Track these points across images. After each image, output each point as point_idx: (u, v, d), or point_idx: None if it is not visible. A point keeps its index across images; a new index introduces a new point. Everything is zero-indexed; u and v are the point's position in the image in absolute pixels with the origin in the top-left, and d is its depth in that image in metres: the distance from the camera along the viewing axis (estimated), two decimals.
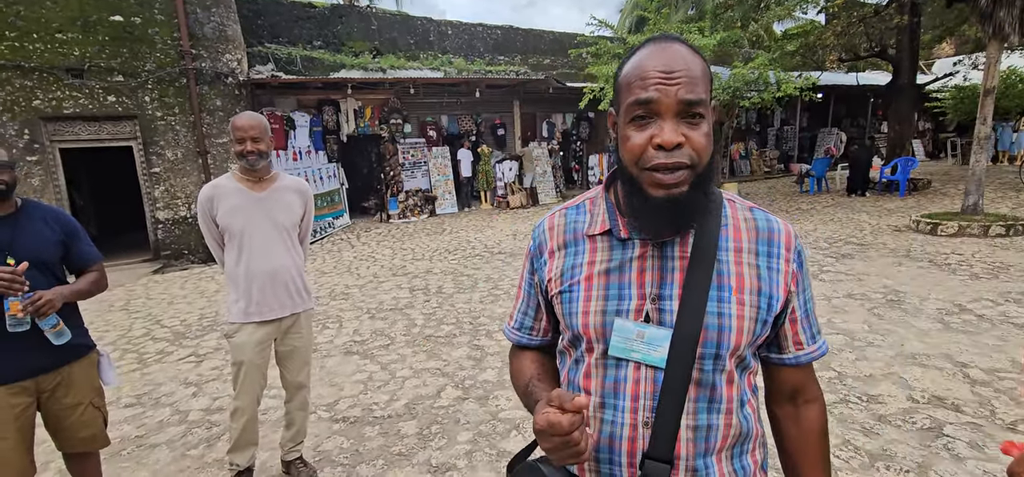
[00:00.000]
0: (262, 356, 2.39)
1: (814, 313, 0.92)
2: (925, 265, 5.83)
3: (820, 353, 0.91)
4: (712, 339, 0.80)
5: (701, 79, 0.77)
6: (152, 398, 3.70)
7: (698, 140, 0.76)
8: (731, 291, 0.82)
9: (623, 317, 0.83)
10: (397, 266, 7.44)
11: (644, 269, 0.84)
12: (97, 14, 8.44)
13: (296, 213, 2.46)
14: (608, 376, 0.85)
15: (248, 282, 2.32)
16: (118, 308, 6.23)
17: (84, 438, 2.11)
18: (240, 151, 2.27)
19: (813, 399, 0.94)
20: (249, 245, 2.33)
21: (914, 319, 4.23)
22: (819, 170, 12.68)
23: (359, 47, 12.80)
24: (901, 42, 12.00)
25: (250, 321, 2.34)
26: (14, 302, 1.81)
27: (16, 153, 8.06)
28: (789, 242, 0.87)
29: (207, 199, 2.32)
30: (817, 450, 0.93)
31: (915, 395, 3.02)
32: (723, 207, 0.88)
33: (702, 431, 0.82)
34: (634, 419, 0.82)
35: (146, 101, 8.91)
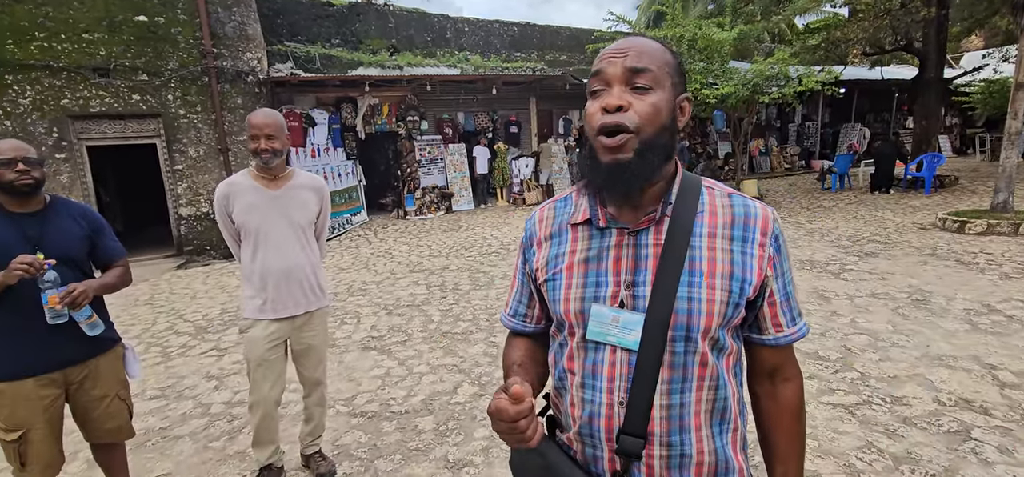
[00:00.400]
0: (275, 353, 2.39)
1: (795, 296, 0.95)
2: (952, 264, 5.68)
3: (799, 335, 0.95)
4: (682, 322, 0.84)
5: (650, 55, 0.84)
6: (175, 391, 3.78)
7: (642, 107, 0.83)
8: (702, 275, 0.85)
9: (600, 303, 0.88)
10: (414, 262, 7.49)
11: (620, 257, 0.89)
12: (122, 14, 8.62)
13: (312, 211, 2.46)
14: (588, 359, 0.90)
15: (263, 279, 2.33)
16: (142, 302, 6.38)
17: (110, 429, 2.17)
18: (255, 149, 2.27)
19: (790, 378, 0.98)
20: (264, 243, 2.33)
21: (940, 319, 4.12)
22: (842, 167, 12.43)
23: (376, 45, 12.88)
24: (928, 35, 11.67)
25: (263, 317, 2.35)
26: (53, 295, 1.87)
27: (45, 151, 8.28)
28: (765, 226, 0.89)
29: (223, 197, 2.34)
30: (792, 427, 0.97)
31: (941, 397, 2.95)
32: (701, 194, 0.91)
33: (675, 409, 0.86)
34: (610, 399, 0.87)
35: (169, 99, 9.08)
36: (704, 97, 9.94)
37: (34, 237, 1.93)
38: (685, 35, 10.01)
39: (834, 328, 4.08)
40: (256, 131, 2.25)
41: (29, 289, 1.87)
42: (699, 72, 10.19)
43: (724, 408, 0.91)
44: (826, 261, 6.10)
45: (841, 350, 3.67)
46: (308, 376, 2.55)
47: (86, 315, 1.98)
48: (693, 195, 0.90)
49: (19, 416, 1.91)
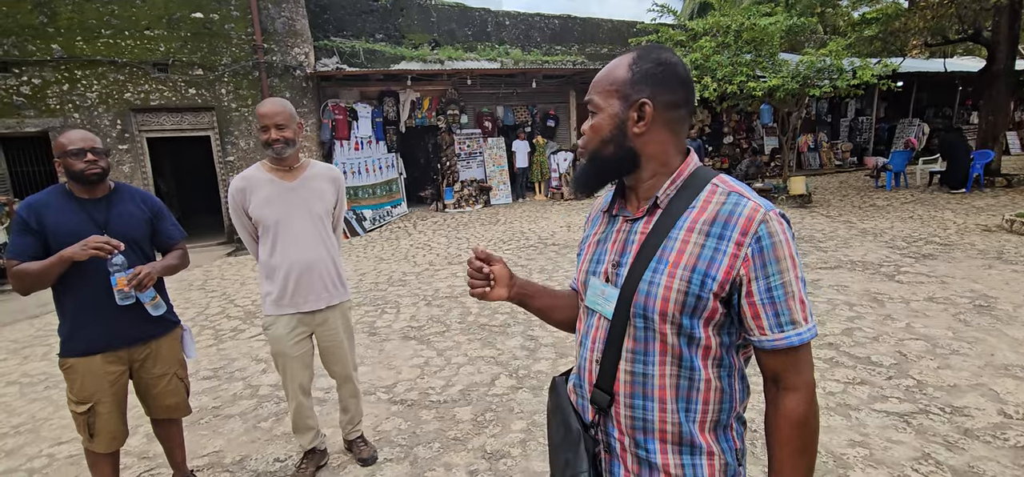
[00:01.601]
0: (300, 348, 2.37)
1: (788, 302, 0.91)
2: (1020, 269, 5.32)
3: (787, 342, 0.91)
4: (640, 302, 0.95)
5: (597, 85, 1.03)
6: (227, 372, 3.95)
7: (585, 130, 1.04)
8: (667, 264, 0.94)
9: (596, 277, 1.06)
10: (452, 255, 7.57)
11: (616, 240, 1.05)
12: (180, 12, 9.03)
13: (329, 201, 2.42)
14: (587, 321, 1.08)
15: (284, 274, 2.29)
16: (197, 287, 6.69)
17: (169, 406, 2.29)
18: (265, 140, 2.21)
19: (792, 388, 0.95)
20: (284, 236, 2.28)
21: (1007, 327, 3.88)
22: (898, 164, 11.81)
23: (419, 39, 13.04)
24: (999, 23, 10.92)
25: (285, 313, 2.33)
26: (121, 277, 1.99)
27: (110, 142, 8.78)
28: (747, 226, 0.90)
29: (238, 191, 2.27)
30: (789, 438, 0.95)
31: (1007, 410, 2.78)
32: (702, 190, 0.97)
33: (638, 377, 0.98)
34: (591, 357, 1.05)
35: (222, 93, 9.47)
36: (750, 90, 9.63)
37: (101, 221, 2.05)
38: (731, 25, 9.70)
39: (888, 333, 3.89)
40: (266, 120, 2.19)
41: (99, 272, 1.99)
42: (746, 63, 9.88)
43: (694, 391, 0.96)
44: (879, 263, 5.82)
45: (895, 356, 3.50)
46: (337, 372, 2.56)
47: (150, 296, 2.10)
48: (692, 192, 0.97)
49: (88, 390, 2.04)
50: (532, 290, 1.25)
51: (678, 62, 0.99)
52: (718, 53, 10.03)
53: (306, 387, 2.47)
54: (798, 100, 10.42)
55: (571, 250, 7.36)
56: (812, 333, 0.93)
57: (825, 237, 7.31)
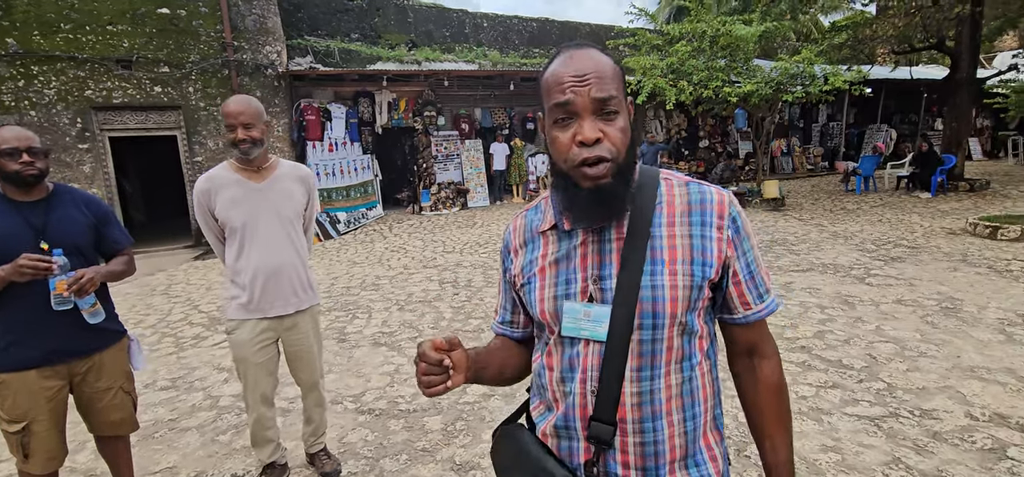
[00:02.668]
0: (264, 354, 2.28)
1: (761, 274, 0.97)
2: (984, 271, 5.45)
3: (768, 311, 0.98)
4: (648, 310, 0.88)
5: (611, 78, 0.86)
6: (186, 382, 3.78)
7: (614, 134, 0.86)
8: (664, 264, 0.89)
9: (571, 300, 0.93)
10: (428, 258, 7.46)
11: (586, 254, 0.93)
12: (145, 7, 8.73)
13: (299, 202, 2.33)
14: (565, 354, 0.95)
15: (251, 278, 2.20)
16: (159, 292, 6.44)
17: (114, 421, 2.14)
18: (232, 139, 2.12)
19: (768, 356, 1.00)
20: (251, 239, 2.20)
21: (972, 329, 3.94)
22: (867, 169, 12.09)
23: (395, 40, 12.88)
24: (961, 33, 11.26)
25: (250, 317, 2.23)
26: (61, 281, 1.85)
27: (69, 141, 8.43)
28: (722, 210, 0.92)
29: (203, 192, 2.18)
30: (775, 403, 0.99)
31: (974, 412, 2.80)
32: (659, 186, 0.95)
33: (646, 396, 0.90)
34: (584, 389, 0.91)
35: (190, 92, 9.18)
36: (726, 95, 9.73)
37: (38, 225, 1.91)
38: (708, 31, 9.80)
39: (858, 335, 3.92)
40: (232, 119, 2.09)
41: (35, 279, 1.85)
42: (721, 68, 9.98)
43: (694, 390, 0.94)
44: (850, 265, 5.90)
45: (866, 359, 3.52)
46: (303, 379, 2.45)
47: (90, 302, 1.96)
48: (651, 188, 0.94)
49: (22, 407, 1.89)
50: (483, 360, 1.03)
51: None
52: (694, 58, 10.12)
53: (269, 397, 2.36)
54: (772, 105, 10.57)
55: None
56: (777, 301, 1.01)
57: (797, 240, 7.40)
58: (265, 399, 2.34)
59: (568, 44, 0.92)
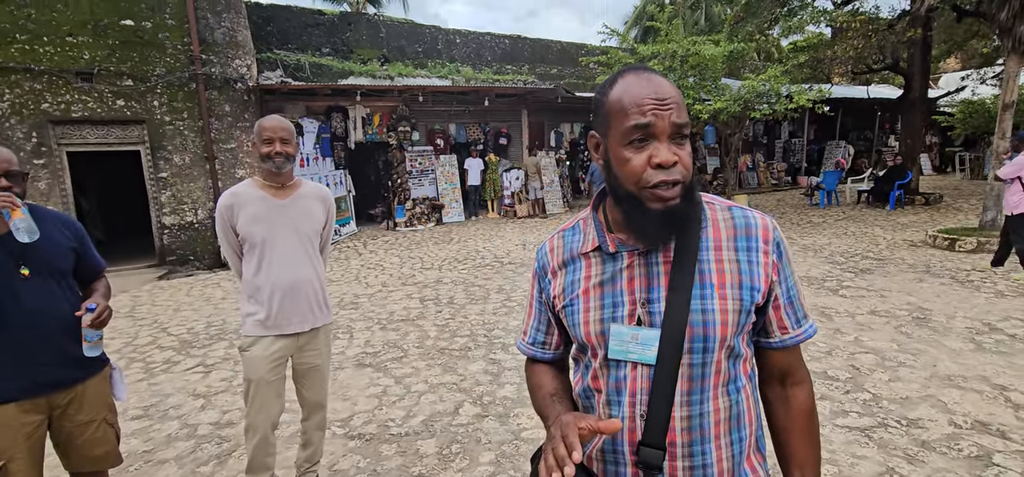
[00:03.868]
0: (276, 373, 2.24)
1: (799, 299, 0.98)
2: (947, 281, 5.70)
3: (806, 336, 0.98)
4: (698, 334, 0.88)
5: (683, 105, 0.88)
6: (160, 410, 3.58)
7: (686, 158, 0.87)
8: (713, 288, 0.89)
9: (618, 323, 0.92)
10: (406, 275, 7.34)
11: (633, 277, 0.93)
12: (108, 18, 8.41)
13: (318, 221, 2.34)
14: (611, 376, 0.93)
15: (269, 294, 2.19)
16: (123, 315, 6.13)
17: (97, 456, 2.00)
18: (268, 152, 2.15)
19: (801, 381, 1.01)
20: (271, 255, 2.20)
21: (944, 338, 4.10)
22: (829, 183, 12.57)
23: (367, 54, 12.77)
24: (913, 55, 11.90)
25: (267, 334, 2.21)
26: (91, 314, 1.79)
27: (23, 156, 7.99)
28: (767, 235, 0.94)
29: (227, 207, 2.19)
30: (805, 428, 1.00)
31: (957, 420, 2.90)
32: (703, 210, 0.95)
33: (695, 420, 0.90)
34: (632, 412, 0.91)
35: (155, 106, 8.86)
36: (696, 112, 9.98)
37: (17, 250, 1.78)
38: (678, 51, 10.07)
39: (840, 346, 4.03)
40: (270, 133, 2.15)
41: (10, 304, 1.72)
42: (691, 87, 10.25)
43: (740, 413, 0.94)
44: (823, 277, 6.09)
45: (849, 370, 3.61)
46: (310, 398, 2.40)
47: (99, 335, 1.87)
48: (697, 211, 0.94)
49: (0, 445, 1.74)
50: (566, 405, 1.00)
51: None
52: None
53: (276, 421, 2.30)
54: (739, 122, 10.89)
55: (528, 268, 7.28)
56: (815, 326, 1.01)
57: None
58: (272, 423, 2.28)
59: (632, 66, 0.92)
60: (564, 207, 13.58)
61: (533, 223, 11.96)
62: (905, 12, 10.94)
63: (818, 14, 10.59)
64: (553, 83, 13.81)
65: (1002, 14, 7.11)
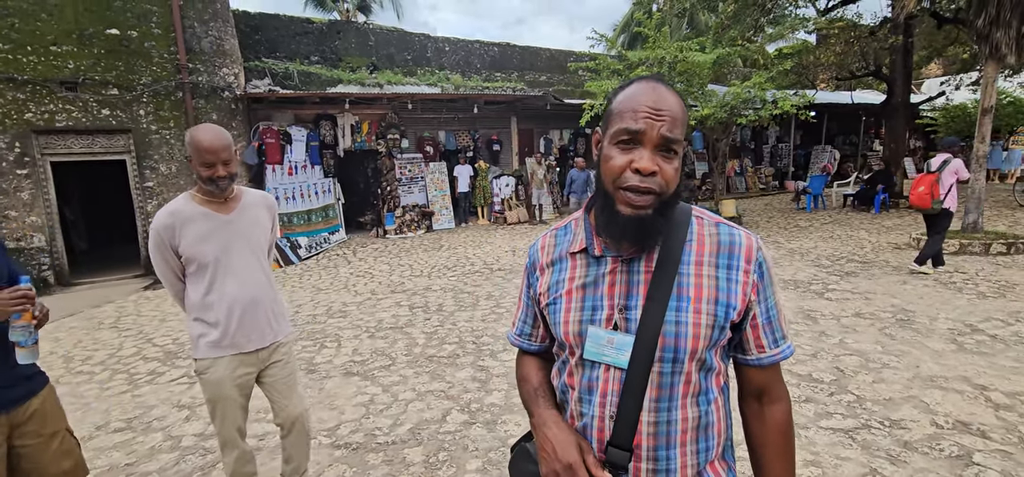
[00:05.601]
0: (242, 391, 2.16)
1: (779, 320, 0.99)
2: (930, 283, 5.78)
3: (782, 356, 0.99)
4: (669, 344, 0.90)
5: (681, 122, 0.89)
6: (143, 422, 3.54)
7: (669, 172, 0.89)
8: (689, 301, 0.91)
9: (596, 325, 0.95)
10: (395, 283, 7.31)
11: (614, 283, 0.95)
12: (93, 27, 8.34)
13: (267, 229, 2.25)
14: (585, 376, 0.97)
15: (226, 312, 2.07)
16: (107, 325, 6.05)
17: (66, 470, 1.90)
18: (209, 175, 1.97)
19: (778, 399, 1.02)
20: (224, 273, 2.07)
21: (926, 339, 4.15)
22: (816, 187, 12.72)
23: (356, 63, 12.76)
24: (895, 61, 12.11)
25: (225, 354, 2.09)
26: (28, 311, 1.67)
27: (5, 166, 7.90)
28: (749, 254, 0.95)
29: (166, 228, 2.01)
30: (780, 445, 1.01)
31: (938, 420, 2.93)
32: (690, 223, 0.97)
33: (662, 426, 0.92)
34: (602, 413, 0.94)
35: (141, 115, 8.79)
36: None
37: None
38: (666, 57, 10.16)
39: (825, 349, 4.07)
40: (211, 157, 1.96)
41: None
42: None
43: (709, 424, 0.96)
44: (809, 281, 6.15)
45: (834, 372, 3.65)
46: (286, 412, 2.30)
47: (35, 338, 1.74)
48: (682, 225, 0.96)
49: None
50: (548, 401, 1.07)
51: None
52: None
53: (244, 430, 2.24)
54: (726, 128, 11.00)
55: (517, 275, 7.29)
56: (792, 347, 1.03)
57: None
58: (242, 432, 2.22)
59: (648, 76, 0.96)
60: (554, 213, 13.61)
61: (523, 229, 11.97)
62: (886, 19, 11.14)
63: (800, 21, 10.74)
64: (542, 90, 13.87)
65: (979, 21, 7.25)
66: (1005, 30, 7.06)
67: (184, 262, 2.07)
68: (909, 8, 8.02)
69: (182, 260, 2.06)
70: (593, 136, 1.00)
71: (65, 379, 4.40)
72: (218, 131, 2.00)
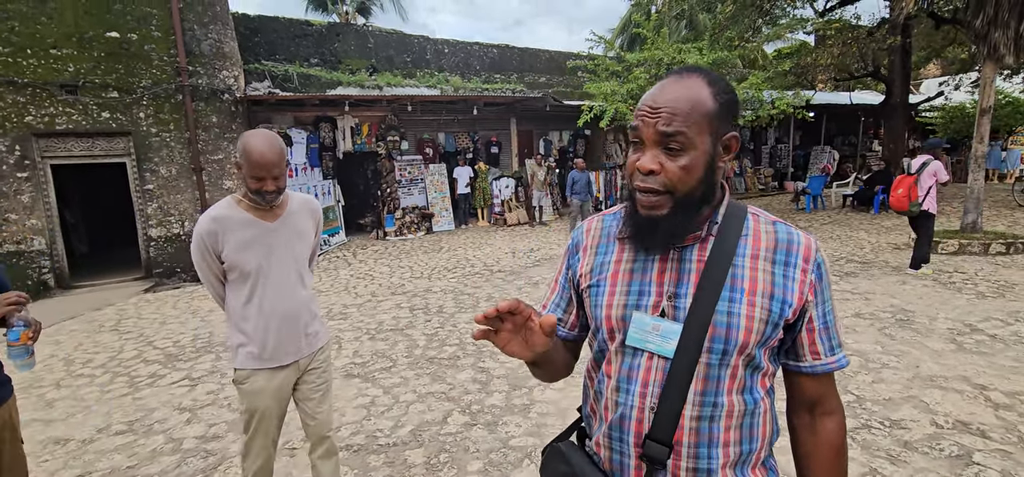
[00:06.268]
0: (280, 403, 2.09)
1: (835, 327, 0.95)
2: (929, 283, 5.79)
3: (838, 365, 0.95)
4: (720, 335, 0.86)
5: (687, 115, 0.84)
6: (144, 425, 3.54)
7: (672, 169, 0.85)
8: (743, 293, 0.88)
9: (641, 311, 0.92)
10: (396, 285, 7.32)
11: (664, 270, 0.93)
12: (93, 31, 8.35)
13: (310, 238, 2.17)
14: (624, 363, 0.93)
15: (264, 326, 2.00)
16: (108, 328, 6.06)
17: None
18: (257, 188, 1.89)
19: (832, 411, 0.97)
20: (264, 284, 2.00)
21: (926, 339, 4.16)
22: (815, 188, 12.74)
23: (356, 65, 12.78)
24: (894, 62, 12.14)
25: (264, 368, 2.02)
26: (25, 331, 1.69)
27: (5, 169, 7.90)
28: (808, 253, 0.92)
29: (209, 233, 1.94)
30: (832, 462, 0.96)
31: (938, 420, 2.94)
32: (746, 220, 0.94)
33: (705, 422, 0.88)
34: (642, 403, 0.90)
35: (141, 117, 8.79)
36: None
37: None
38: (664, 59, 10.18)
39: None
40: (262, 172, 1.85)
41: None
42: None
43: (753, 425, 0.92)
44: None
45: None
46: (316, 424, 2.19)
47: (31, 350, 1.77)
48: (738, 219, 0.94)
49: None
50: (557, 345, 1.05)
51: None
52: (651, 83, 10.48)
53: (277, 442, 2.16)
54: None
55: (518, 276, 7.30)
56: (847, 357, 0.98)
57: None
58: (275, 444, 2.14)
59: (678, 68, 0.93)
60: (555, 215, 13.62)
61: (523, 231, 11.98)
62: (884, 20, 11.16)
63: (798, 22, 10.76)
64: (542, 92, 13.89)
65: (977, 21, 7.27)
66: (1003, 30, 7.08)
67: (226, 268, 2.01)
68: (907, 9, 8.04)
69: (224, 266, 2.00)
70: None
71: (66, 382, 4.40)
72: (272, 143, 1.88)
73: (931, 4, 10.51)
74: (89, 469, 3.02)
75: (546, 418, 3.26)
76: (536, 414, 3.32)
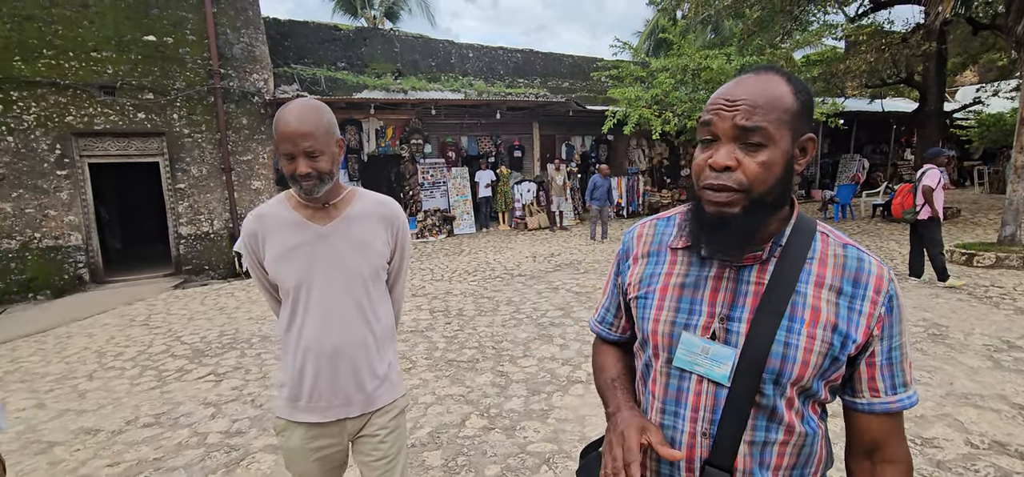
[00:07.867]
0: (327, 467, 1.58)
1: (903, 363, 0.87)
2: (964, 297, 5.59)
3: (900, 406, 0.86)
4: (775, 366, 0.82)
5: (768, 109, 0.79)
6: (171, 418, 3.63)
7: (750, 166, 0.80)
8: (803, 324, 0.82)
9: (690, 331, 0.87)
10: (416, 286, 7.38)
11: (718, 289, 0.87)
12: (131, 34, 8.65)
13: (380, 253, 1.57)
14: (671, 384, 0.89)
15: (300, 362, 1.50)
16: (139, 323, 6.24)
17: None
18: (291, 172, 1.41)
19: (893, 461, 0.88)
20: (305, 306, 1.50)
21: (960, 355, 4.02)
22: (844, 197, 12.44)
23: (381, 69, 12.96)
24: (928, 68, 11.79)
25: (301, 421, 1.51)
26: None
27: (47, 167, 8.21)
28: (879, 284, 0.85)
29: (251, 235, 1.52)
30: None
31: (973, 440, 2.83)
32: (814, 240, 0.88)
33: (759, 447, 0.85)
34: (693, 428, 0.86)
35: (174, 118, 9.06)
36: None
37: None
38: (690, 65, 10.08)
39: None
40: (290, 145, 1.37)
41: None
42: (703, 100, 10.25)
43: (811, 454, 0.88)
44: None
45: None
46: None
47: None
48: (806, 239, 0.87)
49: None
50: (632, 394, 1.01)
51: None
52: (676, 89, 10.39)
53: None
54: None
55: (538, 281, 7.29)
56: (917, 396, 0.89)
57: None
58: None
59: (754, 67, 0.87)
60: (575, 220, 13.57)
61: (543, 235, 11.96)
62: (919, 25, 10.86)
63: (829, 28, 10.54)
64: (565, 96, 13.88)
65: (1019, 27, 7.02)
66: None
67: (271, 281, 1.56)
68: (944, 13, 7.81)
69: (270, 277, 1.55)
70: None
71: (98, 374, 4.54)
72: (306, 109, 1.39)
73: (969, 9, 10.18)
74: (117, 460, 3.10)
75: (565, 425, 3.24)
76: (554, 420, 3.30)
